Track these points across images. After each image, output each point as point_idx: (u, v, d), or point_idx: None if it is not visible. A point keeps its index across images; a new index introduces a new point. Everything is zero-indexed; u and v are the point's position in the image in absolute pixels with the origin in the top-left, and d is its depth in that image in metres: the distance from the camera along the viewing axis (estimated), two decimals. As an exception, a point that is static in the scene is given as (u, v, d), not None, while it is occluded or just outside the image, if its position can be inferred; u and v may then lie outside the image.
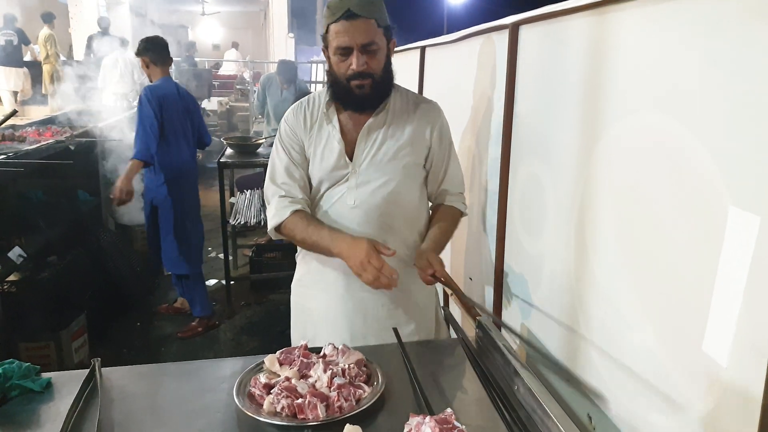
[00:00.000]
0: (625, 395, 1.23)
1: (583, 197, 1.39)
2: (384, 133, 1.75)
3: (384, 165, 1.74)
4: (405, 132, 1.75)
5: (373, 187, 1.73)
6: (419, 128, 1.76)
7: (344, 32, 1.61)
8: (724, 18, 0.94)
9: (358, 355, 1.39)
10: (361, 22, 1.60)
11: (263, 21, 20.45)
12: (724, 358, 0.94)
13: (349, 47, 1.62)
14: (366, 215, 1.73)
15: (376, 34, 1.63)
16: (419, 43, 3.02)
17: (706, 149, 0.97)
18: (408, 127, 1.75)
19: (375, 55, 1.65)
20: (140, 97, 3.76)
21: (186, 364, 1.52)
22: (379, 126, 1.75)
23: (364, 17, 1.60)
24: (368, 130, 1.75)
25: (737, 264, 0.90)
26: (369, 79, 1.66)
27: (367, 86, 1.67)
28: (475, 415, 1.27)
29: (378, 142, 1.74)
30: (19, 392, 1.33)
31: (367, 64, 1.64)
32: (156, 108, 3.70)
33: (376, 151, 1.74)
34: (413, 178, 1.78)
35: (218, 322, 4.20)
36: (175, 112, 3.83)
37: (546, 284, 1.61)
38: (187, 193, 4.01)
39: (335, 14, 1.61)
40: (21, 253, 3.20)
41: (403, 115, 1.77)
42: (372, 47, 1.63)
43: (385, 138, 1.75)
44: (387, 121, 1.75)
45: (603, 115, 1.30)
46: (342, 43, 1.62)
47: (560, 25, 1.53)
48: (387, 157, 1.74)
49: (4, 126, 3.55)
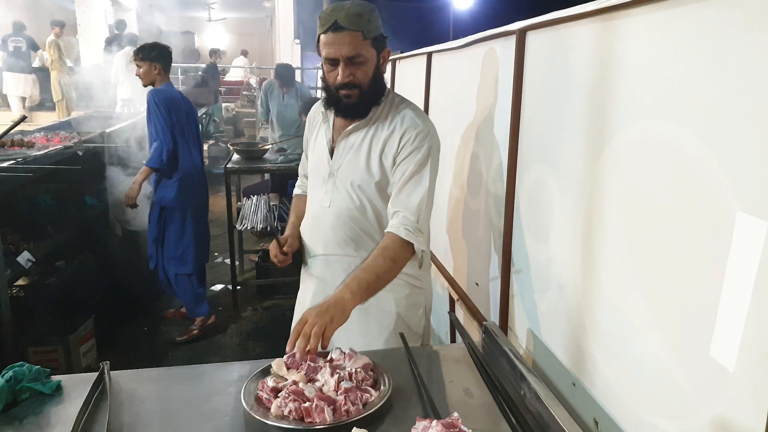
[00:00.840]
0: (632, 400, 1.22)
1: (590, 203, 1.40)
2: (361, 140, 1.78)
3: (356, 172, 1.78)
4: (380, 141, 1.76)
5: (345, 193, 1.80)
6: (392, 138, 1.75)
7: (330, 44, 1.65)
8: (731, 25, 0.94)
9: (365, 360, 1.39)
10: (347, 34, 1.63)
11: (269, 27, 20.53)
12: (732, 363, 0.94)
13: (335, 59, 1.66)
14: (338, 218, 1.82)
15: (362, 46, 1.66)
16: (426, 48, 3.03)
17: (713, 155, 0.98)
18: (383, 137, 1.76)
19: (361, 66, 1.68)
20: (149, 101, 3.77)
21: (194, 368, 1.53)
22: (357, 134, 1.79)
23: (351, 30, 1.62)
24: (347, 135, 1.81)
25: (744, 269, 0.91)
26: (356, 90, 1.70)
27: (354, 96, 1.71)
28: (482, 419, 1.27)
29: (354, 148, 1.79)
30: (30, 395, 1.34)
31: (353, 76, 1.68)
32: (165, 112, 3.75)
33: (351, 157, 1.79)
34: (383, 189, 1.79)
35: (216, 322, 4.20)
36: (182, 115, 3.89)
37: (553, 290, 1.61)
38: (196, 196, 4.05)
39: (323, 26, 1.65)
40: (29, 257, 3.22)
41: (383, 125, 1.77)
42: (358, 59, 1.66)
43: (362, 145, 1.78)
44: (367, 129, 1.78)
45: (610, 121, 1.31)
46: (329, 54, 1.66)
47: (567, 31, 1.53)
48: (360, 164, 1.78)
49: (13, 132, 3.58)
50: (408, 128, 1.73)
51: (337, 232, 1.82)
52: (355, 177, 1.78)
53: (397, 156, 1.74)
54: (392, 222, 1.71)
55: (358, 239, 1.82)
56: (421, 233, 1.70)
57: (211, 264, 5.49)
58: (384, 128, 1.76)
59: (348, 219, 1.81)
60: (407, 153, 1.73)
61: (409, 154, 1.73)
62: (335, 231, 1.82)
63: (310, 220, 1.91)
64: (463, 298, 2.36)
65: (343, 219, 1.81)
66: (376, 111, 1.78)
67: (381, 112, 1.79)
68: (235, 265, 4.55)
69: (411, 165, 1.72)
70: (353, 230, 1.81)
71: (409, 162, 1.72)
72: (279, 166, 4.59)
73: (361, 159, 1.78)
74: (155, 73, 3.82)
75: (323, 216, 1.84)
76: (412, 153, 1.73)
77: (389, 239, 1.68)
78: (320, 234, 1.86)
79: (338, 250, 1.84)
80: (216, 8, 18.59)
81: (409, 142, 1.73)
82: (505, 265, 1.92)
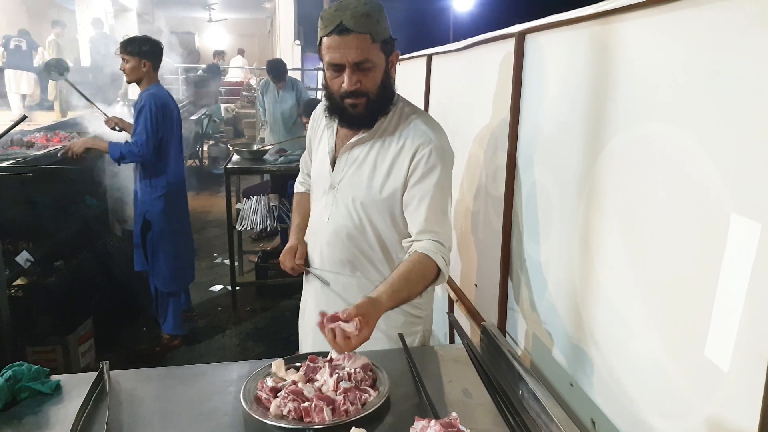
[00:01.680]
0: (629, 400, 1.23)
1: (588, 205, 1.40)
2: (366, 154, 1.64)
3: (359, 189, 1.65)
4: (387, 156, 1.62)
5: (345, 209, 1.67)
6: (402, 154, 1.60)
7: (336, 48, 1.48)
8: (729, 27, 0.95)
9: (364, 360, 1.40)
10: (354, 38, 1.47)
11: (270, 28, 20.53)
12: (726, 364, 0.94)
13: (341, 64, 1.51)
14: (335, 236, 1.70)
15: (371, 51, 1.50)
16: (426, 51, 3.04)
17: (708, 157, 0.98)
18: (391, 152, 1.61)
19: (369, 72, 1.53)
20: (144, 104, 3.49)
21: (193, 368, 1.53)
22: (362, 147, 1.65)
23: (358, 32, 1.46)
24: (350, 147, 1.67)
25: (739, 270, 0.91)
26: (363, 98, 1.55)
27: (361, 105, 1.56)
28: (480, 419, 1.27)
29: (358, 163, 1.65)
30: (29, 394, 1.34)
31: (360, 83, 1.53)
32: (157, 120, 3.50)
33: (354, 172, 1.66)
34: (387, 206, 1.64)
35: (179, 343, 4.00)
36: (173, 124, 3.66)
37: (551, 291, 1.62)
38: (181, 209, 3.88)
39: (327, 27, 1.49)
40: (28, 257, 3.23)
41: (390, 139, 1.62)
42: (366, 65, 1.51)
43: (366, 160, 1.64)
44: (372, 142, 1.64)
45: (608, 124, 1.31)
46: (333, 59, 1.50)
47: (566, 34, 1.54)
48: (363, 181, 1.64)
49: (13, 132, 3.58)
50: (421, 145, 1.58)
51: (334, 251, 1.72)
52: (357, 194, 1.65)
53: (410, 176, 1.59)
54: (424, 245, 1.56)
55: (355, 261, 1.71)
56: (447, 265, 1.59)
57: (211, 264, 5.50)
58: (392, 142, 1.62)
59: (345, 238, 1.68)
60: (422, 173, 1.58)
61: (426, 174, 1.58)
62: (332, 249, 1.72)
63: (310, 233, 1.82)
64: (462, 299, 2.37)
65: (341, 237, 1.69)
66: (383, 122, 1.63)
67: (389, 122, 1.64)
68: (234, 266, 4.55)
69: (432, 185, 1.58)
70: (350, 251, 1.70)
71: (427, 182, 1.58)
72: (279, 167, 4.59)
73: (364, 175, 1.64)
74: (144, 70, 3.52)
75: (321, 231, 1.74)
76: (429, 173, 1.58)
77: (424, 259, 1.53)
78: (317, 249, 1.77)
79: (334, 269, 1.74)
80: (216, 9, 18.59)
81: (424, 159, 1.57)
82: (504, 266, 1.93)
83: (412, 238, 1.61)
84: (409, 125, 1.63)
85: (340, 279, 1.74)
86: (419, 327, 1.79)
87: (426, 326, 1.83)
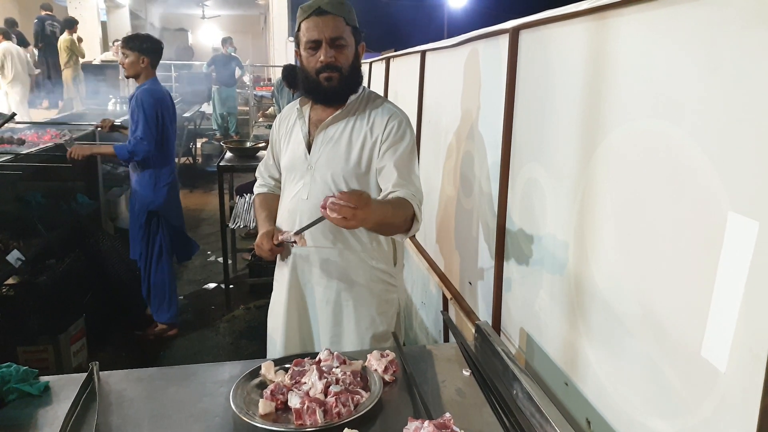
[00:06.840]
0: (624, 400, 1.22)
1: (583, 202, 1.39)
2: (342, 132, 1.83)
3: (337, 163, 1.82)
4: (361, 131, 1.82)
5: (324, 185, 1.82)
6: (375, 127, 1.82)
7: (314, 27, 1.73)
8: (724, 24, 0.94)
9: (357, 366, 1.38)
10: (330, 18, 1.73)
11: (263, 25, 20.49)
12: (723, 363, 0.93)
13: (318, 41, 1.73)
14: (316, 209, 1.73)
15: (344, 30, 1.76)
16: (420, 47, 3.03)
17: (705, 155, 0.97)
18: (364, 127, 1.82)
19: (343, 50, 1.76)
20: (141, 100, 3.56)
21: (184, 368, 1.52)
22: (336, 125, 1.84)
23: (333, 14, 1.73)
24: (326, 127, 1.85)
25: (736, 269, 0.90)
26: (337, 73, 1.76)
27: (335, 79, 1.77)
28: (474, 419, 1.26)
29: (334, 140, 1.83)
30: (17, 396, 1.33)
31: (335, 58, 1.75)
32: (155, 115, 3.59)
33: (331, 149, 1.83)
34: (364, 179, 1.84)
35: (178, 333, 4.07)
36: (170, 116, 3.75)
37: (545, 289, 1.61)
38: (178, 202, 3.99)
39: (306, 12, 1.75)
40: (19, 256, 3.19)
41: (362, 117, 1.84)
42: (340, 41, 1.75)
43: (341, 138, 1.83)
44: (346, 121, 1.84)
45: (602, 120, 1.30)
46: (311, 36, 1.74)
47: (560, 30, 1.53)
48: (340, 156, 1.82)
49: (3, 129, 3.55)
50: (390, 117, 1.82)
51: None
52: (336, 169, 1.82)
53: (383, 141, 1.80)
54: (400, 192, 1.74)
55: (336, 231, 1.83)
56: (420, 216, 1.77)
57: (204, 262, 5.47)
58: (364, 119, 1.83)
59: None
60: (393, 140, 1.80)
61: (398, 140, 1.80)
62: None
63: (287, 213, 1.90)
64: (456, 297, 2.36)
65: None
66: (354, 103, 1.84)
67: (359, 104, 1.85)
68: (228, 264, 4.53)
69: (402, 150, 1.80)
70: (330, 223, 1.76)
71: (398, 147, 1.80)
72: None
73: (340, 150, 1.82)
74: (142, 66, 3.61)
75: (300, 208, 1.85)
76: (399, 140, 1.80)
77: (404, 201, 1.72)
78: (296, 226, 1.83)
79: (316, 242, 1.84)
80: (210, 5, 18.54)
81: (394, 129, 1.80)
82: (498, 264, 1.92)
83: (388, 191, 1.78)
84: (378, 106, 1.87)
85: (322, 252, 1.87)
86: (394, 295, 1.97)
87: (400, 295, 2.01)
